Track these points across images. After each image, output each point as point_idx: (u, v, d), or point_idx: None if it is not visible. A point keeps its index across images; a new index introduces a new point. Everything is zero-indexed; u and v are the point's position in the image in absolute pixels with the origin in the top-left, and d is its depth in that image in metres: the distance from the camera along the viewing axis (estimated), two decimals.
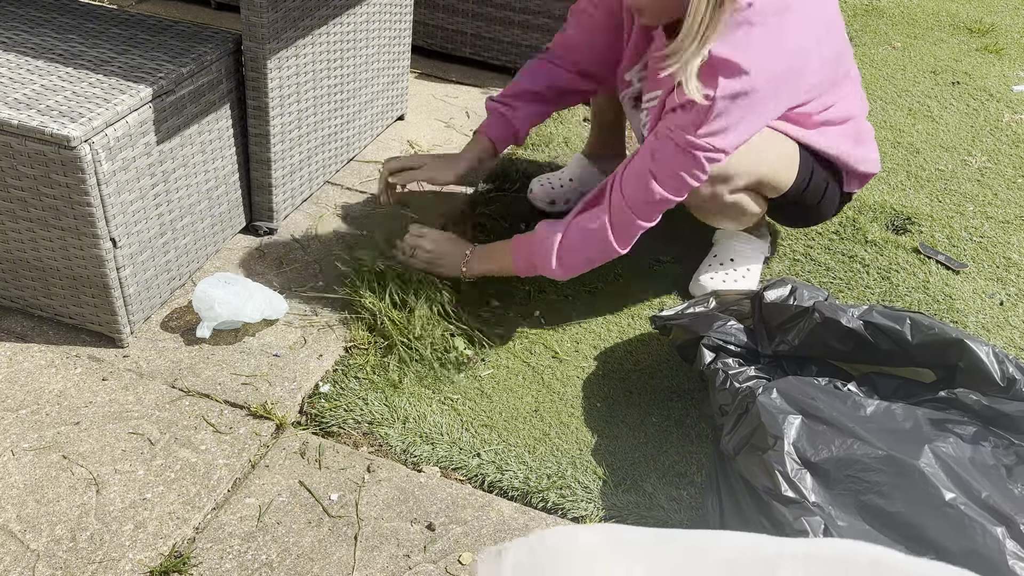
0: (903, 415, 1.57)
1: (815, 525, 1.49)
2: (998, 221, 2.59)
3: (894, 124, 3.08)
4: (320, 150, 2.39)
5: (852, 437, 1.51)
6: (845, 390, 1.67)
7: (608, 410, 1.88)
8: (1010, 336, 2.15)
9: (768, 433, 1.53)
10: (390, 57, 2.59)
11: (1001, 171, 2.85)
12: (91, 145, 1.66)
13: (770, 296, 1.81)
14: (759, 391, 1.61)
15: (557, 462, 1.76)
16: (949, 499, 1.42)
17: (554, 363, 1.99)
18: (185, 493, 1.62)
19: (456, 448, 1.76)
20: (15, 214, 1.78)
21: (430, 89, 3.04)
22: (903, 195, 2.67)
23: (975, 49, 3.72)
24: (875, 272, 2.33)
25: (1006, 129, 3.10)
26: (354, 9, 2.31)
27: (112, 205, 1.74)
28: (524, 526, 1.62)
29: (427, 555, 1.55)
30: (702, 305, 1.91)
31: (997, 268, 2.39)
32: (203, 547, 1.53)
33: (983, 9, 4.17)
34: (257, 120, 2.10)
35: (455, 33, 3.12)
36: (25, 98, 1.72)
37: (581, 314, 2.13)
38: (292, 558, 1.53)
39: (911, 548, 1.45)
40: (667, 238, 2.38)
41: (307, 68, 2.18)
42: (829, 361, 1.82)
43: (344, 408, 1.82)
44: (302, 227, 2.31)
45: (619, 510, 1.67)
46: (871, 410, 1.58)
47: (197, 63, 1.90)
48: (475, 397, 1.89)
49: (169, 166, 1.89)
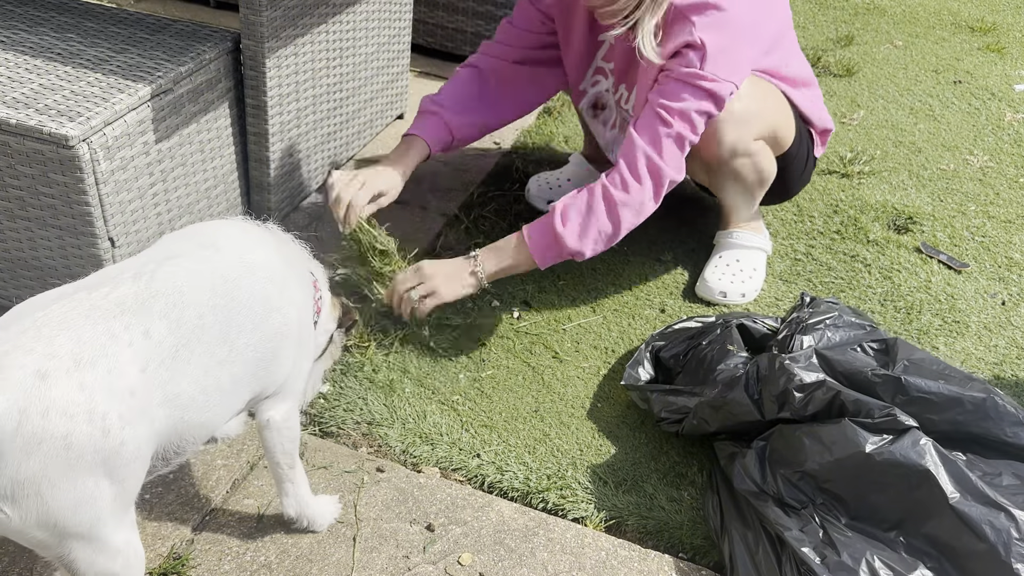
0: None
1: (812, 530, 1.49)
2: (1000, 220, 2.58)
3: (896, 123, 3.07)
4: (319, 149, 2.38)
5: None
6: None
7: (608, 410, 1.88)
8: (1012, 336, 2.14)
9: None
10: (389, 55, 2.58)
11: (1003, 170, 2.84)
12: (89, 144, 1.65)
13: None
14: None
15: (557, 462, 1.75)
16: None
17: (554, 363, 1.99)
18: (184, 494, 1.61)
19: (456, 449, 1.75)
20: (13, 213, 1.77)
21: (430, 88, 3.03)
22: (905, 194, 2.66)
23: (977, 48, 3.71)
24: (877, 272, 2.32)
25: (1008, 128, 3.09)
26: (353, 7, 2.30)
27: (110, 204, 1.73)
28: (524, 526, 1.61)
29: (426, 556, 1.55)
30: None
31: (999, 268, 2.38)
32: (202, 548, 1.53)
33: (985, 8, 4.16)
34: (256, 119, 2.10)
35: (455, 31, 3.11)
36: (23, 97, 1.71)
37: (581, 314, 2.12)
38: (291, 559, 1.52)
39: (910, 548, 1.45)
40: (668, 238, 2.38)
41: (306, 67, 2.18)
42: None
43: (343, 408, 1.81)
44: (301, 227, 2.30)
45: (619, 511, 1.66)
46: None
47: (196, 62, 1.89)
48: (475, 397, 1.88)
49: (168, 165, 1.88)
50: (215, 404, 1.26)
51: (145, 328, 1.16)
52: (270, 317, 1.32)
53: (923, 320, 2.17)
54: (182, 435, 1.24)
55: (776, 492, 1.54)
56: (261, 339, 1.31)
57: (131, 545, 1.20)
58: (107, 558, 1.17)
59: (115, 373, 1.12)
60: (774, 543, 1.50)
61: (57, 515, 1.10)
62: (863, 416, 1.51)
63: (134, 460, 1.15)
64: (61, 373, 1.08)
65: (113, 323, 1.14)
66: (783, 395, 1.58)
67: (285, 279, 1.37)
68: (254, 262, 1.34)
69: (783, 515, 1.51)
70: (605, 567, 1.56)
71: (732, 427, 1.67)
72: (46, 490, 1.08)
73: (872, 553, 1.42)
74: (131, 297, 1.18)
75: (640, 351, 1.90)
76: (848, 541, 1.45)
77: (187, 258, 1.28)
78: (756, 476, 1.57)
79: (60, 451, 1.07)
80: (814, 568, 1.41)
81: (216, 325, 1.24)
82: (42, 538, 1.13)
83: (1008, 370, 2.04)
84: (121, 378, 1.12)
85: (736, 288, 2.16)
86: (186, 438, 1.25)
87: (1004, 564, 1.36)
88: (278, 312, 1.34)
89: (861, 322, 1.78)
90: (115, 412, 1.11)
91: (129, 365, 1.14)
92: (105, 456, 1.11)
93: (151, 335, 1.17)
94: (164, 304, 1.19)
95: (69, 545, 1.14)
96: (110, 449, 1.11)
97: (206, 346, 1.23)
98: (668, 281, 2.25)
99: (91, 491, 1.11)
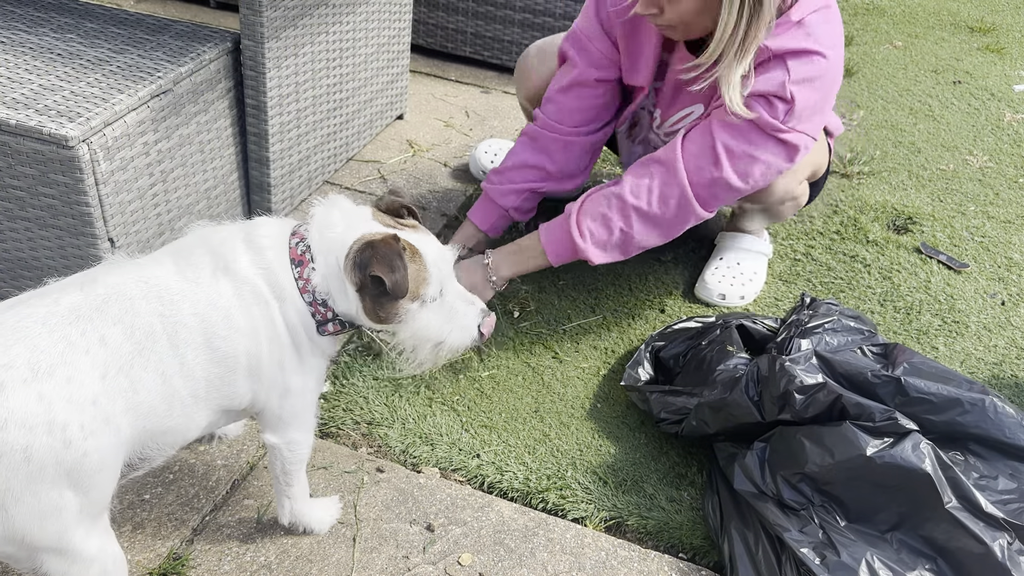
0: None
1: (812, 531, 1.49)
2: (999, 221, 2.58)
3: (895, 123, 3.08)
4: (319, 149, 2.38)
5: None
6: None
7: (608, 410, 1.88)
8: (1011, 336, 2.14)
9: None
10: (389, 56, 2.58)
11: (1002, 170, 2.84)
12: (89, 145, 1.65)
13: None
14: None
15: (557, 463, 1.75)
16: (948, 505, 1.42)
17: (554, 363, 1.99)
18: (184, 494, 1.61)
19: (456, 449, 1.75)
20: (12, 213, 1.77)
21: (429, 88, 3.03)
22: (904, 195, 2.66)
23: (976, 48, 3.71)
24: (876, 272, 2.32)
25: (1007, 128, 3.09)
26: (353, 8, 2.30)
27: (110, 205, 1.73)
28: (524, 527, 1.61)
29: (426, 556, 1.55)
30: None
31: (999, 268, 2.38)
32: (202, 548, 1.53)
33: (984, 8, 4.16)
34: (256, 119, 2.10)
35: (455, 32, 3.11)
36: (24, 97, 1.71)
37: (581, 314, 2.13)
38: (291, 559, 1.52)
39: (910, 549, 1.45)
40: None
41: (306, 67, 2.18)
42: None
43: (343, 408, 1.81)
44: None
45: (619, 511, 1.66)
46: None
47: (196, 62, 1.89)
48: (475, 398, 1.88)
49: (167, 166, 1.88)
50: (177, 415, 1.22)
51: (101, 334, 1.12)
52: (212, 343, 1.24)
53: (923, 320, 2.17)
54: (145, 444, 1.20)
55: (776, 493, 1.54)
56: (209, 360, 1.24)
57: (106, 551, 1.17)
58: (81, 568, 1.14)
59: (75, 382, 1.08)
60: (774, 543, 1.50)
61: (23, 529, 1.07)
62: (864, 419, 1.51)
63: (99, 471, 1.11)
64: (18, 383, 1.04)
65: (69, 330, 1.11)
66: (784, 397, 1.58)
67: (229, 309, 1.25)
68: (194, 282, 1.24)
69: (782, 516, 1.51)
70: (605, 567, 1.56)
71: (732, 429, 1.67)
72: (9, 504, 1.05)
73: (872, 553, 1.42)
74: (84, 303, 1.14)
75: (640, 351, 1.90)
76: (848, 542, 1.45)
77: (133, 268, 1.23)
78: (756, 477, 1.57)
79: (20, 464, 1.04)
80: (813, 568, 1.41)
81: (165, 336, 1.19)
82: (12, 552, 1.11)
83: (1008, 370, 2.04)
84: (82, 387, 1.09)
85: (736, 291, 2.16)
86: (150, 447, 1.21)
87: (1000, 566, 1.36)
88: (222, 340, 1.24)
89: (860, 327, 1.78)
90: (76, 422, 1.07)
91: (89, 373, 1.10)
92: (68, 468, 1.07)
93: (107, 341, 1.13)
94: (117, 309, 1.15)
95: (41, 558, 1.12)
96: (73, 461, 1.07)
97: (159, 356, 1.18)
98: (668, 281, 2.25)
99: (56, 503, 1.08)
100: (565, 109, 2.01)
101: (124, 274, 1.21)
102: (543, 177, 2.05)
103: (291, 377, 1.33)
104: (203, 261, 1.26)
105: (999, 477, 1.49)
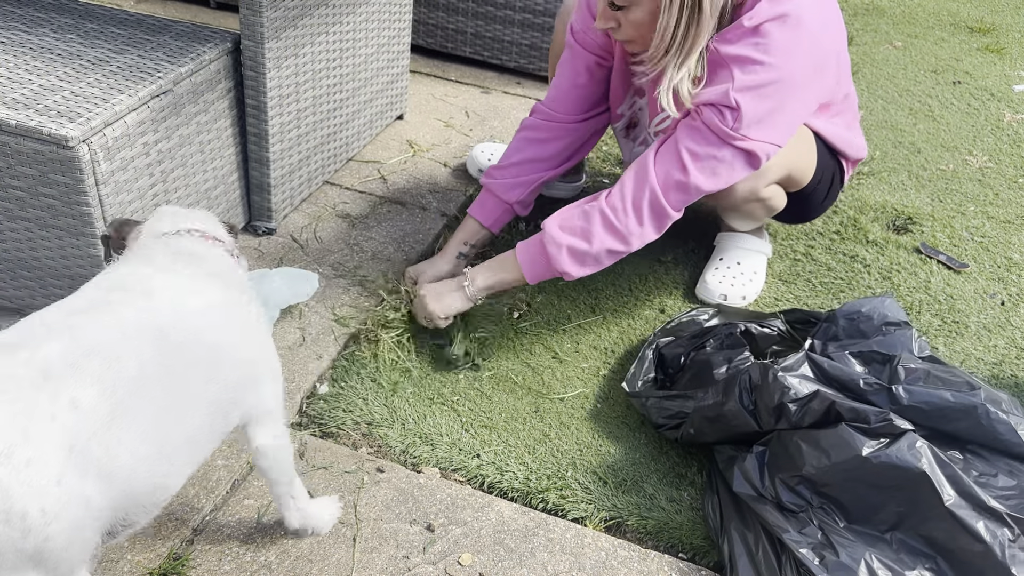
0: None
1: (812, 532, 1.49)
2: (999, 221, 2.58)
3: (895, 123, 3.08)
4: (319, 150, 2.38)
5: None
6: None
7: (608, 410, 1.88)
8: (1011, 336, 2.15)
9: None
10: (389, 56, 2.58)
11: (1002, 171, 2.84)
12: (89, 145, 1.65)
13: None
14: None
15: (557, 463, 1.75)
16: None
17: (554, 363, 1.99)
18: (184, 494, 1.61)
19: (456, 449, 1.76)
20: (12, 213, 1.77)
21: (429, 88, 3.03)
22: (904, 195, 2.67)
23: (976, 48, 3.71)
24: (876, 272, 2.32)
25: (1007, 129, 3.09)
26: (353, 9, 2.30)
27: (110, 205, 1.73)
28: (524, 527, 1.62)
29: (426, 556, 1.55)
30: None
31: (998, 268, 2.38)
32: (202, 548, 1.53)
33: (984, 8, 4.16)
34: (256, 120, 2.10)
35: (455, 32, 3.12)
36: (24, 98, 1.71)
37: (581, 314, 2.13)
38: (291, 560, 1.52)
39: (909, 549, 1.45)
40: (668, 238, 2.37)
41: (306, 67, 2.18)
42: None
43: (343, 408, 1.81)
44: (301, 227, 2.30)
45: (619, 511, 1.66)
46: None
47: (196, 63, 1.89)
48: (475, 398, 1.88)
49: (168, 166, 1.88)
50: (164, 473, 1.16)
51: (72, 396, 1.03)
52: (221, 364, 1.22)
53: (922, 320, 2.17)
54: (127, 509, 1.13)
55: (775, 496, 1.55)
56: (221, 388, 1.21)
57: None
58: None
59: (35, 464, 0.99)
60: (774, 543, 1.50)
61: None
62: (860, 421, 1.52)
63: (65, 549, 1.04)
64: None
65: (36, 395, 1.02)
66: (779, 408, 1.59)
67: (228, 315, 1.27)
68: (198, 305, 1.23)
69: (782, 518, 1.51)
70: (605, 567, 1.56)
71: (730, 438, 1.68)
72: None
73: (871, 554, 1.43)
74: (58, 358, 1.05)
75: (642, 353, 1.90)
76: (847, 542, 1.45)
77: (121, 306, 1.17)
78: (755, 480, 1.58)
79: None
80: (812, 568, 1.41)
81: (161, 378, 1.13)
82: None
83: (1007, 370, 2.04)
84: (43, 469, 1.00)
85: (736, 291, 2.16)
86: (133, 511, 1.14)
87: (1000, 564, 1.37)
88: (233, 348, 1.25)
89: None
90: (36, 508, 0.99)
91: (53, 450, 1.01)
92: (30, 554, 1.01)
93: (79, 404, 1.04)
94: (99, 364, 1.07)
95: None
96: (33, 548, 1.01)
97: (150, 402, 1.11)
98: (668, 281, 2.26)
99: None
100: (564, 97, 2.08)
101: (112, 313, 1.16)
102: (546, 168, 2.11)
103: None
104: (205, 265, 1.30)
105: (998, 475, 1.49)
